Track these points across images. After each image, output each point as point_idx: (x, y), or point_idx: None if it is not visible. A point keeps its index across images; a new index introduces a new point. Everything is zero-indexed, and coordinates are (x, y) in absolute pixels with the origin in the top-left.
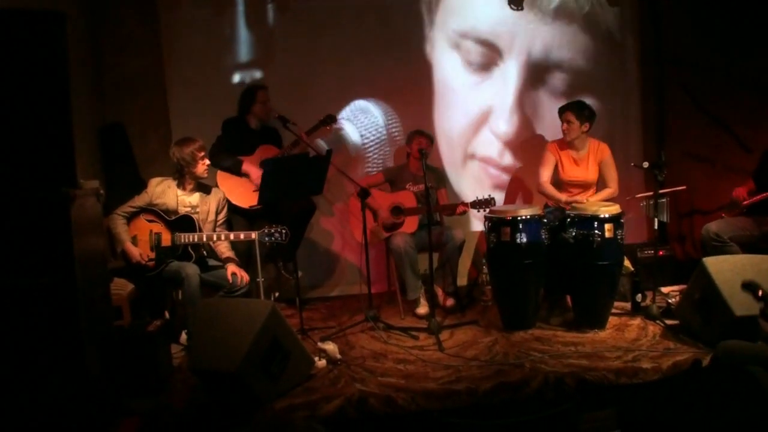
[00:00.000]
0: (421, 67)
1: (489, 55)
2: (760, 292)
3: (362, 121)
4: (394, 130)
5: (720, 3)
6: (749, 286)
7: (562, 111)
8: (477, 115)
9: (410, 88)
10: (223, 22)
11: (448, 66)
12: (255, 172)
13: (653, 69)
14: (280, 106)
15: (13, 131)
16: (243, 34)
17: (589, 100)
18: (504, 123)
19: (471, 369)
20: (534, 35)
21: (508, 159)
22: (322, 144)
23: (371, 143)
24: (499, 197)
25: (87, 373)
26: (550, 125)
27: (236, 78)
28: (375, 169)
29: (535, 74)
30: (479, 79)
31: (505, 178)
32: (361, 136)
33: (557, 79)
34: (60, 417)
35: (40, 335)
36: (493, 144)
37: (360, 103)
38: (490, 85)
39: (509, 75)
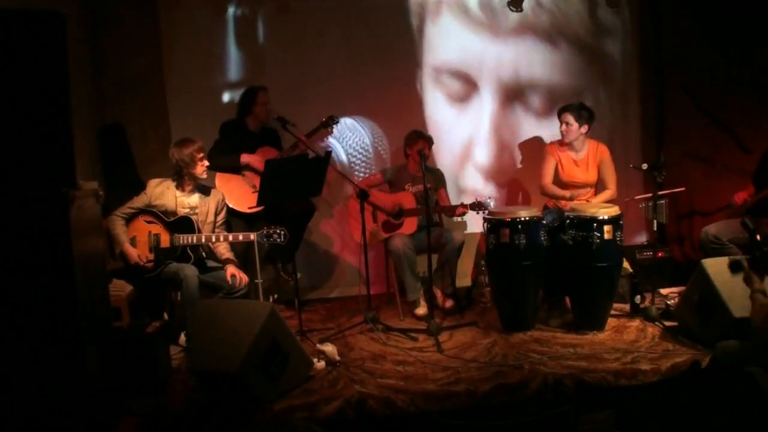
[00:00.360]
0: (412, 101)
1: (465, 86)
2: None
3: (348, 139)
4: (380, 149)
5: (720, 3)
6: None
7: (561, 112)
8: (460, 148)
9: (399, 110)
10: (223, 23)
11: (435, 101)
12: (255, 159)
13: (653, 69)
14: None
15: (12, 131)
16: (242, 37)
17: (587, 102)
18: (482, 153)
19: (470, 370)
20: (500, 57)
21: (490, 191)
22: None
23: (358, 161)
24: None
25: (86, 373)
26: (530, 145)
27: (226, 97)
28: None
29: (510, 97)
30: (460, 110)
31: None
32: (348, 154)
33: (533, 99)
34: (59, 417)
35: (40, 336)
36: (476, 177)
37: (347, 121)
38: (469, 116)
39: (485, 103)
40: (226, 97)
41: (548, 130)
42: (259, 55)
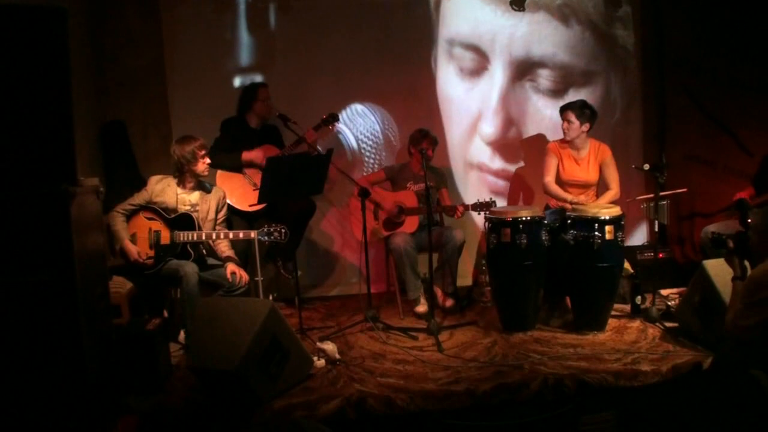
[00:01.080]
0: (422, 79)
1: (477, 60)
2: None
3: (359, 125)
4: (390, 135)
5: (722, 5)
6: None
7: (563, 110)
8: (469, 121)
9: (410, 95)
10: (225, 20)
11: (447, 77)
12: (256, 155)
13: (654, 71)
14: (279, 107)
15: (13, 127)
16: (244, 34)
17: (595, 90)
18: (488, 125)
19: (470, 370)
20: (513, 33)
21: (498, 163)
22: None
23: (368, 147)
24: (500, 200)
25: (85, 371)
26: (537, 124)
27: (237, 81)
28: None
29: (520, 73)
30: (471, 85)
31: (501, 183)
32: (358, 140)
33: (543, 77)
34: (58, 415)
35: (39, 333)
36: (483, 150)
37: (357, 107)
38: (479, 90)
39: (495, 77)
40: (227, 91)
41: (553, 110)
42: (262, 49)
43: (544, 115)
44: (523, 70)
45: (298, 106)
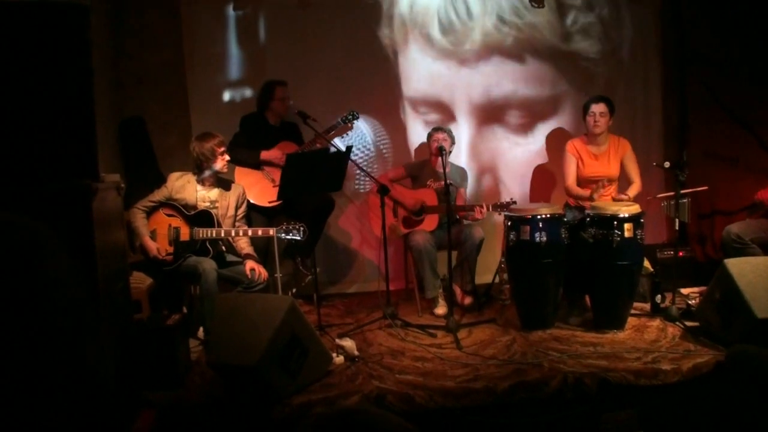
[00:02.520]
0: (397, 127)
1: (442, 114)
2: None
3: (351, 137)
4: (382, 147)
5: (742, 1)
6: None
7: (593, 102)
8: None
9: (395, 108)
10: (245, 16)
11: (416, 130)
12: (274, 154)
13: (675, 67)
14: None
15: (36, 124)
16: (263, 30)
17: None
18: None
19: (489, 368)
20: (470, 82)
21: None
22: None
23: (360, 160)
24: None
25: (106, 365)
26: (511, 163)
27: (231, 84)
28: (363, 187)
29: (486, 118)
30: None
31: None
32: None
33: (510, 116)
34: (78, 409)
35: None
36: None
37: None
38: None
39: (461, 128)
40: (248, 92)
41: (531, 145)
42: (279, 49)
43: (516, 153)
44: (488, 114)
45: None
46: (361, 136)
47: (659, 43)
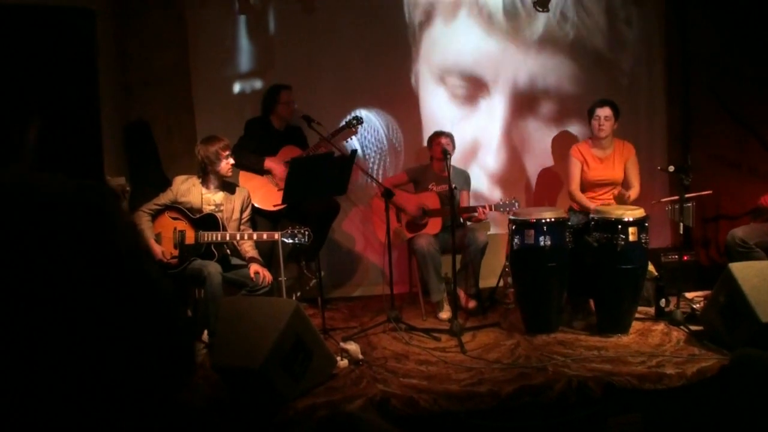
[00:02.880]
0: (408, 99)
1: (474, 89)
2: None
3: (363, 131)
4: (395, 141)
5: (746, 5)
6: None
7: (598, 106)
8: (461, 151)
9: (408, 103)
10: (249, 20)
11: (435, 101)
12: (278, 168)
13: (679, 71)
14: (300, 108)
15: (41, 127)
16: (268, 34)
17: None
18: (492, 158)
19: (493, 371)
20: (518, 67)
21: (497, 195)
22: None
23: (372, 153)
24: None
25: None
26: (539, 154)
27: (236, 87)
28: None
29: (523, 104)
30: (465, 113)
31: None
32: (363, 146)
33: (545, 108)
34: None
35: None
36: (480, 181)
37: (362, 113)
38: (476, 120)
39: (497, 109)
40: (253, 95)
41: (553, 137)
42: (284, 51)
43: (546, 145)
44: (526, 102)
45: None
46: (374, 129)
47: (663, 46)
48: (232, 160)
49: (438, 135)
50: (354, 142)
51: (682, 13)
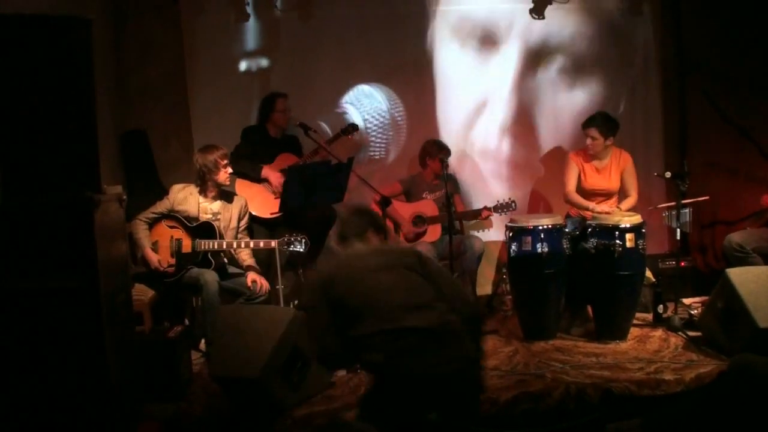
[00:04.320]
0: (421, 57)
1: (488, 42)
2: None
3: (365, 105)
4: (397, 114)
5: (742, 11)
6: None
7: (585, 126)
8: (472, 105)
9: (412, 73)
10: (245, 28)
11: (447, 55)
12: (275, 177)
13: (675, 77)
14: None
15: (38, 136)
16: (264, 43)
17: (609, 108)
18: (501, 110)
19: (492, 378)
20: (532, 21)
21: (504, 150)
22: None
23: (374, 128)
24: (509, 194)
25: (108, 377)
26: (548, 113)
27: (243, 66)
28: (378, 153)
29: (535, 61)
30: (476, 68)
31: (504, 171)
32: (364, 120)
33: (558, 66)
34: (80, 421)
35: (62, 338)
36: (489, 136)
37: (363, 88)
38: (487, 75)
39: (508, 62)
40: (250, 103)
41: (564, 99)
42: (282, 60)
43: (555, 104)
44: (538, 58)
45: (303, 89)
46: (376, 104)
47: (659, 52)
48: (230, 169)
49: (436, 147)
50: (355, 115)
51: (678, 21)
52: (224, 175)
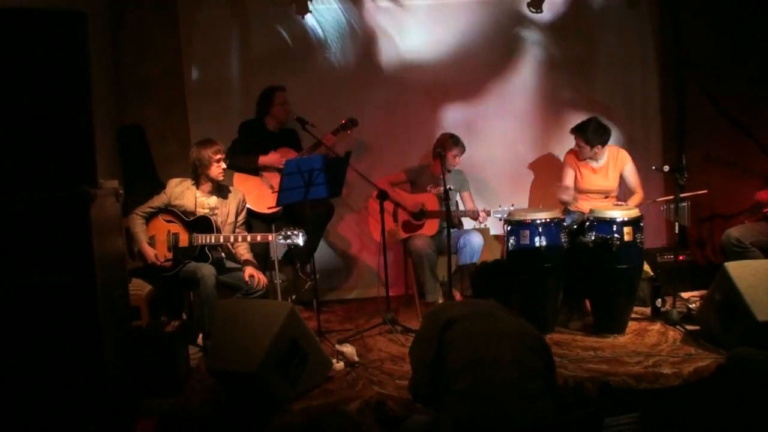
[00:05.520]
0: None
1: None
2: None
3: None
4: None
5: (739, 6)
6: None
7: (573, 133)
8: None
9: None
10: (242, 24)
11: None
12: (272, 157)
13: (673, 72)
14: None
15: (35, 130)
16: (260, 37)
17: (608, 103)
18: (496, 110)
19: None
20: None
21: (502, 148)
22: None
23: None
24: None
25: (105, 372)
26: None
27: (231, 90)
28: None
29: (533, 57)
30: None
31: (500, 172)
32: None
33: (555, 62)
34: (78, 416)
35: (59, 333)
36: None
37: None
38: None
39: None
40: (247, 99)
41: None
42: (279, 55)
43: (553, 101)
44: (536, 53)
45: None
46: None
47: (657, 48)
48: (224, 165)
49: (451, 140)
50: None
51: (676, 15)
52: (217, 169)
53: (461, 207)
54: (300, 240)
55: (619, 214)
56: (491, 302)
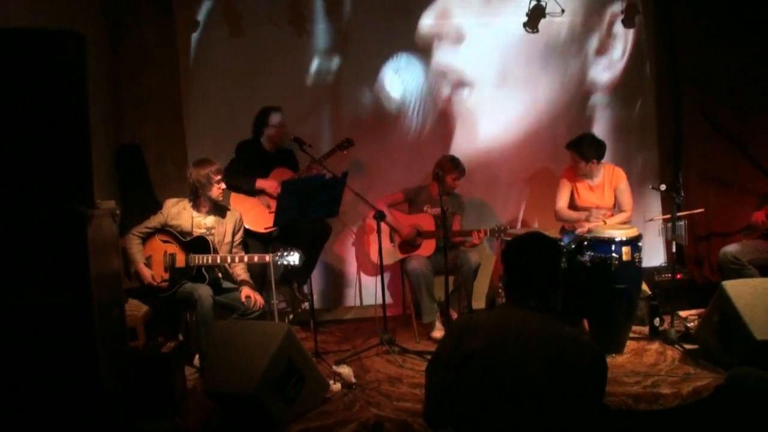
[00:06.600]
0: None
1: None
2: None
3: (405, 76)
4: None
5: (737, 24)
6: None
7: (568, 148)
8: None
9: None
10: (240, 44)
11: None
12: (269, 184)
13: (669, 91)
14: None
15: (32, 150)
16: (259, 57)
17: (604, 121)
18: (493, 126)
19: None
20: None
21: (497, 164)
22: None
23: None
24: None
25: (102, 393)
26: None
27: (228, 110)
28: (414, 126)
29: (529, 74)
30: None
31: (495, 189)
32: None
33: (552, 80)
34: None
35: (56, 354)
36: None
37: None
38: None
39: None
40: (244, 118)
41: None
42: (276, 75)
43: (549, 120)
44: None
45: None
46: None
47: (654, 66)
48: (223, 185)
49: (451, 163)
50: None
51: (672, 33)
52: (217, 190)
53: None
54: (295, 259)
55: (618, 234)
56: (528, 314)
